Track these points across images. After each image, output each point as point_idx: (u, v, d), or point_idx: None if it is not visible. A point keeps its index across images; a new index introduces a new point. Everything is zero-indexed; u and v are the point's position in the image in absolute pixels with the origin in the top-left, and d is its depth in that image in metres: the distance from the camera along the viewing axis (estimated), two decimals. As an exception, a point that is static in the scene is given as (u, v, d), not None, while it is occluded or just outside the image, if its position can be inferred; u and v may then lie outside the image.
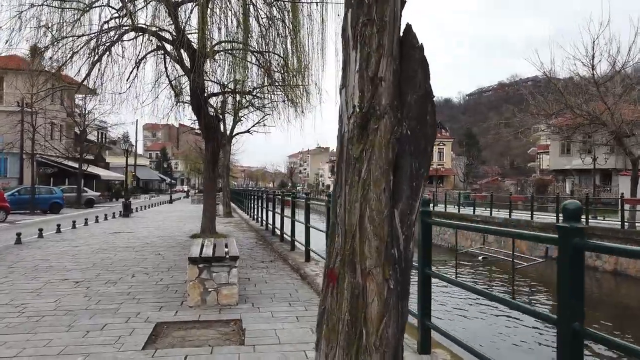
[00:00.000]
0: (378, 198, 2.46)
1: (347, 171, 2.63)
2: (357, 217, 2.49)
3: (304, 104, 12.94)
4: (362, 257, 2.43)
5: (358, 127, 2.56)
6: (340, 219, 2.66)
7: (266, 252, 10.02)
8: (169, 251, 9.92)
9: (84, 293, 6.03)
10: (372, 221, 2.45)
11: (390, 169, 2.49)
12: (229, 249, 5.95)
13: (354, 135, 2.57)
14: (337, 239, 2.67)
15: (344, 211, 2.64)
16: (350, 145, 2.59)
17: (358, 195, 2.50)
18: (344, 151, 2.68)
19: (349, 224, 2.53)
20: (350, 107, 2.66)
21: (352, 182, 2.55)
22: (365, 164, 2.50)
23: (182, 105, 12.72)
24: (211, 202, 12.64)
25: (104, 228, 15.64)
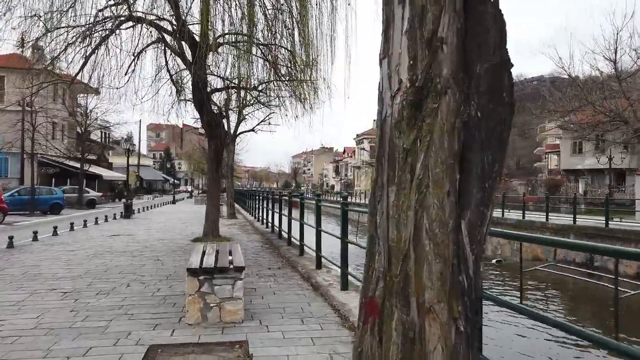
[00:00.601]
0: (440, 204, 1.78)
1: (391, 167, 1.96)
2: (410, 231, 1.81)
3: (312, 99, 12.29)
4: (419, 286, 1.75)
5: (409, 107, 1.88)
6: (382, 231, 1.98)
7: (273, 257, 9.36)
8: (169, 257, 9.27)
9: (71, 307, 5.38)
10: (432, 236, 1.77)
11: (456, 164, 1.81)
12: (233, 257, 5.29)
13: (403, 119, 1.89)
14: (378, 257, 1.99)
15: (386, 221, 1.96)
16: (398, 133, 1.92)
17: (411, 200, 1.82)
18: (386, 140, 2.00)
19: (398, 239, 1.86)
20: (395, 81, 1.98)
21: (401, 182, 1.87)
22: (421, 157, 1.82)
23: (184, 103, 12.08)
24: (214, 203, 11.99)
25: (103, 230, 15.02)
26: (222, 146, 11.80)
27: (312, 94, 12.20)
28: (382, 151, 2.04)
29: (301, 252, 8.93)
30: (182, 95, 11.91)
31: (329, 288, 6.03)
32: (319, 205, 7.52)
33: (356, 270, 7.16)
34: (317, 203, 7.53)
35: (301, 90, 12.19)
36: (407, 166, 1.85)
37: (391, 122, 1.99)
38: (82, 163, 30.79)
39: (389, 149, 1.99)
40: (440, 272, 1.73)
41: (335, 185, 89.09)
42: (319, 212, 7.55)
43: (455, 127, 1.80)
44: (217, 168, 11.81)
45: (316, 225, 7.47)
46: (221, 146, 11.78)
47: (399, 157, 1.89)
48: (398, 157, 1.90)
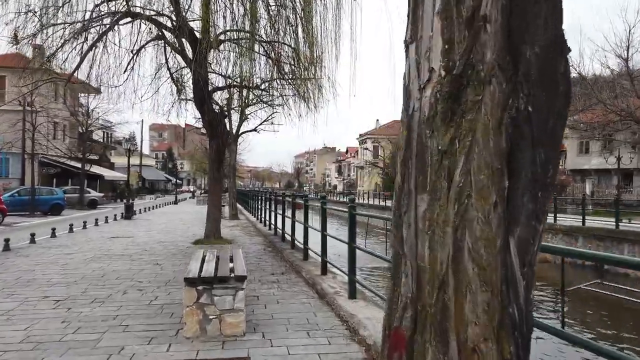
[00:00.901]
0: (486, 218, 1.45)
1: (421, 172, 1.63)
2: (448, 251, 1.48)
3: (316, 98, 11.97)
4: (460, 320, 1.42)
5: (444, 100, 1.55)
6: (410, 248, 1.66)
7: (276, 261, 9.04)
8: (169, 260, 8.96)
9: (63, 317, 5.07)
10: (476, 258, 1.44)
11: (504, 169, 1.48)
12: (234, 265, 4.97)
13: (437, 114, 1.57)
14: (406, 280, 1.67)
15: (415, 237, 1.64)
16: (429, 131, 1.59)
17: (449, 213, 1.49)
18: (414, 140, 1.68)
19: (432, 260, 1.53)
20: (425, 69, 1.65)
21: (435, 190, 1.55)
22: (461, 161, 1.49)
23: (185, 102, 11.78)
24: (216, 204, 11.68)
25: (102, 232, 14.74)
26: (223, 146, 11.49)
27: (316, 93, 11.88)
28: (408, 152, 1.72)
29: (305, 256, 8.61)
30: (182, 94, 11.62)
31: (335, 296, 5.70)
32: (324, 209, 7.20)
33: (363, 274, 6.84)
34: (323, 206, 7.21)
35: (305, 89, 11.88)
36: (443, 171, 1.52)
37: (420, 119, 1.67)
38: (83, 163, 30.57)
39: (418, 150, 1.66)
40: (487, 303, 1.40)
41: (337, 185, 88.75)
42: (325, 215, 7.23)
43: (502, 123, 1.48)
44: (218, 168, 11.50)
45: (322, 229, 7.14)
46: (223, 146, 11.48)
47: (432, 161, 1.56)
48: (430, 160, 1.57)
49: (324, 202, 7.32)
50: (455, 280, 1.45)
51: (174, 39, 10.12)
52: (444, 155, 1.53)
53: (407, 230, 1.70)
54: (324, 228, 7.15)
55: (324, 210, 7.22)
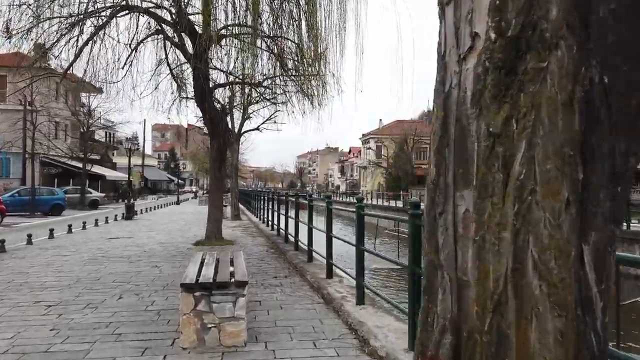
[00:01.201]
0: (555, 220, 1.10)
1: (460, 162, 1.29)
2: (506, 263, 1.15)
3: (320, 95, 11.65)
4: (526, 353, 1.10)
5: (497, 70, 1.21)
6: (448, 258, 1.32)
7: (279, 263, 8.71)
8: (168, 262, 8.64)
9: (53, 324, 4.76)
10: (545, 272, 1.09)
11: (577, 156, 1.15)
12: (235, 269, 4.65)
13: (487, 88, 1.23)
14: (443, 297, 1.34)
15: (454, 243, 1.32)
16: (476, 110, 1.25)
17: (506, 213, 1.15)
18: (452, 123, 1.35)
19: (483, 274, 1.19)
20: (466, 35, 1.30)
21: (485, 185, 1.20)
22: (522, 147, 1.15)
23: (186, 99, 11.46)
24: (217, 204, 11.37)
25: (102, 232, 14.45)
26: (225, 145, 11.18)
27: (320, 90, 11.57)
28: (445, 139, 1.38)
29: (310, 258, 8.28)
30: (183, 91, 11.32)
31: (342, 302, 5.37)
32: (330, 209, 6.87)
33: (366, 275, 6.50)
34: (329, 206, 6.88)
35: (308, 85, 11.56)
36: (496, 160, 1.19)
37: (459, 96, 1.33)
38: (84, 163, 30.36)
39: (457, 135, 1.33)
40: (561, 331, 1.07)
41: (340, 185, 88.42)
42: (330, 216, 6.90)
43: (574, 98, 1.14)
44: (219, 168, 11.18)
45: (327, 231, 6.81)
46: (224, 145, 11.16)
47: (480, 147, 1.23)
48: (478, 146, 1.24)
49: (330, 202, 6.99)
50: (518, 301, 1.12)
51: (174, 34, 9.82)
52: (497, 139, 1.19)
53: (443, 235, 1.36)
54: (330, 229, 6.82)
55: (329, 210, 6.90)
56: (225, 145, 11.17)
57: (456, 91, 1.36)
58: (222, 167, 11.27)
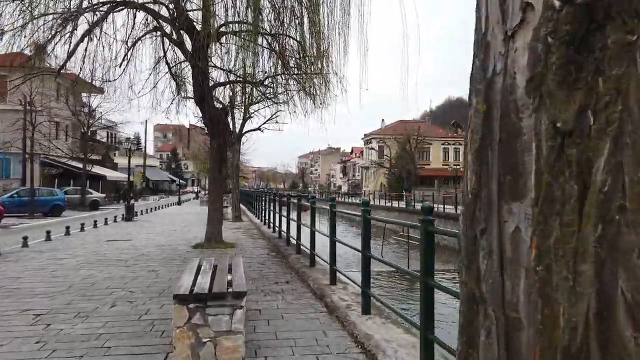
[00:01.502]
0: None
1: (508, 168, 1.00)
2: (586, 306, 0.85)
3: (322, 95, 11.36)
4: None
5: (564, 46, 0.91)
6: (492, 290, 0.98)
7: (280, 268, 8.42)
8: (166, 267, 8.36)
9: (39, 336, 4.48)
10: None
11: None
12: (233, 277, 4.36)
13: (550, 70, 0.92)
14: (487, 341, 1.02)
15: (498, 271, 1.01)
16: (534, 99, 0.92)
17: (586, 238, 0.84)
18: (495, 119, 1.05)
19: (550, 321, 0.89)
20: (514, 7, 0.99)
21: (549, 198, 0.87)
22: (605, 149, 0.86)
23: (185, 99, 11.18)
24: (217, 206, 11.09)
25: (100, 234, 14.18)
26: (225, 144, 10.90)
27: (323, 88, 11.28)
28: (486, 139, 1.07)
29: (312, 262, 7.98)
30: (182, 90, 11.04)
31: (347, 311, 5.08)
32: (333, 212, 6.57)
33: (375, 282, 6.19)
34: (332, 209, 6.58)
35: (311, 84, 11.27)
36: (567, 166, 0.89)
37: (505, 84, 1.03)
38: (84, 163, 30.14)
39: (504, 133, 1.03)
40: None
41: (342, 185, 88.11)
42: (334, 220, 6.60)
43: (676, 82, 0.84)
44: (220, 168, 10.90)
45: (330, 235, 6.52)
46: (224, 144, 10.88)
47: (542, 148, 0.93)
48: (538, 148, 0.93)
49: (333, 204, 6.69)
50: (603, 356, 0.82)
51: (172, 31, 9.54)
52: (567, 138, 0.89)
53: (486, 260, 1.06)
54: (333, 233, 6.52)
55: (333, 214, 6.59)
56: (226, 145, 10.89)
57: (501, 78, 1.06)
58: (223, 168, 10.99)
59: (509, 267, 1.01)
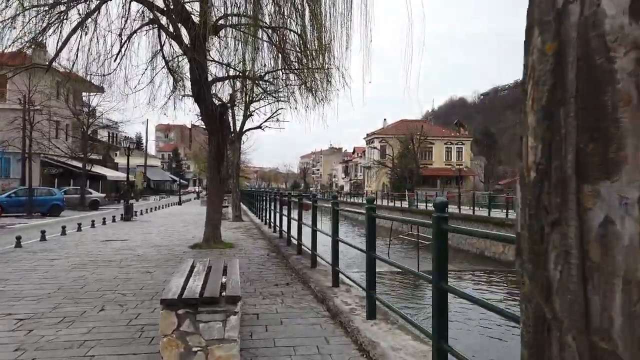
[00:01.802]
0: None
1: (598, 132, 0.66)
2: None
3: (324, 90, 11.02)
4: None
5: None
6: (570, 307, 0.68)
7: (280, 269, 8.08)
8: (161, 268, 8.03)
9: (19, 342, 4.15)
10: None
11: None
12: (227, 280, 4.03)
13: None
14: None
15: (579, 282, 0.67)
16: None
17: None
18: (571, 62, 0.68)
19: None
20: None
21: None
22: None
23: (183, 95, 10.86)
24: (216, 206, 10.76)
25: (97, 234, 13.86)
26: (224, 142, 10.57)
27: (324, 84, 10.94)
28: (557, 92, 0.74)
29: (313, 263, 7.64)
30: (180, 86, 10.72)
31: (351, 316, 4.74)
32: (336, 210, 6.23)
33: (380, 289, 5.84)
34: (335, 207, 6.24)
35: (312, 79, 10.94)
36: None
37: (583, 15, 0.70)
38: (84, 163, 29.87)
39: (585, 81, 0.70)
40: None
41: (344, 185, 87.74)
42: (337, 218, 6.26)
43: None
44: (218, 167, 10.57)
45: (333, 234, 6.18)
46: (223, 142, 10.55)
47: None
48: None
49: (336, 202, 6.35)
50: None
51: (169, 23, 9.22)
52: None
53: (559, 264, 0.73)
54: (336, 232, 6.18)
55: (335, 212, 6.26)
56: (225, 143, 10.56)
57: (578, 6, 0.72)
58: (221, 167, 10.66)
59: (595, 276, 0.68)
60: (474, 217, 23.59)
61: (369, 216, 4.66)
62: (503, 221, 21.32)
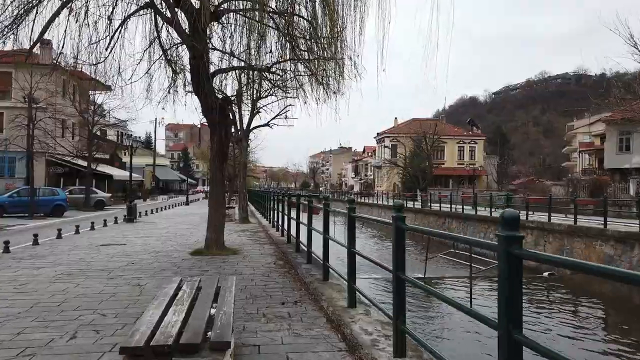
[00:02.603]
0: None
1: None
2: None
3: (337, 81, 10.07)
4: None
5: None
6: None
7: (288, 281, 7.15)
8: (154, 279, 7.15)
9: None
10: None
11: None
12: (217, 312, 3.11)
13: None
14: None
15: None
16: None
17: None
18: None
19: None
20: None
21: None
22: None
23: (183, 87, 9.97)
24: (218, 208, 9.87)
25: (95, 238, 13.05)
26: (227, 138, 9.67)
27: (337, 74, 9.99)
28: None
29: (325, 276, 6.70)
30: (179, 78, 9.84)
31: (374, 351, 3.79)
32: (352, 217, 5.27)
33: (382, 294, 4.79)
34: (351, 213, 5.28)
35: (323, 67, 9.99)
36: None
37: None
38: (89, 162, 29.25)
39: None
40: None
41: (354, 185, 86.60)
42: (353, 227, 5.30)
43: None
44: (221, 166, 9.68)
45: (349, 245, 5.23)
46: (226, 138, 9.65)
47: None
48: None
49: (352, 207, 5.39)
50: None
51: (166, 8, 8.35)
52: None
53: None
54: (352, 243, 5.23)
55: (351, 219, 5.30)
56: (228, 140, 9.67)
57: None
58: (224, 165, 9.76)
59: None
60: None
61: (397, 228, 3.70)
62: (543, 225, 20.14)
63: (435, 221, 29.59)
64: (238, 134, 18.94)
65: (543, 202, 23.13)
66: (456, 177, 58.68)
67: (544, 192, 37.91)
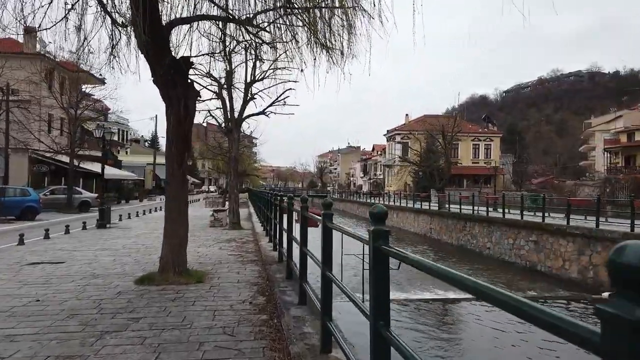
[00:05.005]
0: None
1: None
2: None
3: (344, 43, 7.17)
4: None
5: None
6: None
7: (261, 349, 4.22)
8: (45, 337, 4.27)
9: None
10: None
11: None
12: None
13: None
14: None
15: None
16: None
17: None
18: None
19: None
20: None
21: None
22: None
23: (128, 47, 7.07)
24: (176, 217, 6.97)
25: (34, 251, 10.20)
26: (188, 115, 6.76)
27: (344, 34, 7.09)
28: None
29: (325, 342, 3.78)
30: (123, 33, 6.97)
31: None
32: (380, 250, 2.36)
33: None
34: (376, 242, 2.37)
35: (327, 24, 7.10)
36: None
37: None
38: (71, 158, 26.59)
39: None
40: None
41: (363, 185, 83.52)
42: (385, 265, 2.40)
43: None
44: (181, 156, 6.80)
45: (372, 288, 2.30)
46: (187, 118, 6.76)
47: None
48: None
49: (382, 230, 2.45)
50: None
51: None
52: None
53: None
54: (386, 294, 2.31)
55: (377, 252, 2.38)
56: (189, 117, 6.76)
57: None
58: (185, 155, 6.84)
59: None
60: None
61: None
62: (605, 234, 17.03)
63: (454, 225, 26.48)
64: (228, 124, 16.08)
65: (587, 205, 19.97)
66: (471, 177, 55.43)
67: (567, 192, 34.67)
